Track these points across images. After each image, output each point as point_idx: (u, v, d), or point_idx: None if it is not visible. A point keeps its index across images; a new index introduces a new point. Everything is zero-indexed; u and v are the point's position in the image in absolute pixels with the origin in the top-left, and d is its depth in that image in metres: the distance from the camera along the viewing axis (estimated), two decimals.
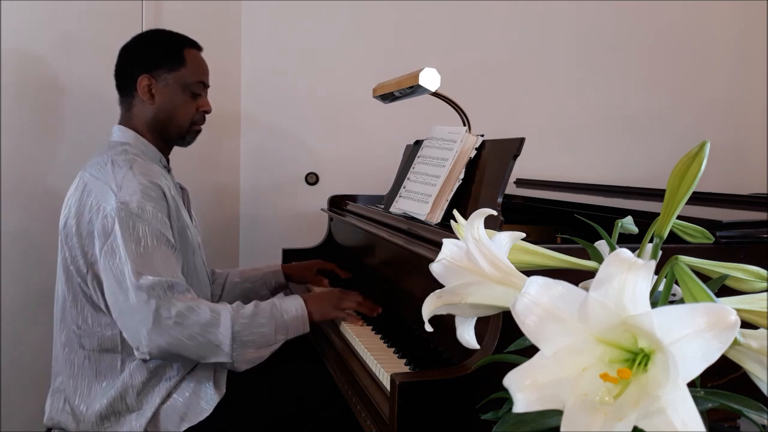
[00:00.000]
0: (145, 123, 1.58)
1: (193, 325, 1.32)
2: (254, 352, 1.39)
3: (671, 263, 0.55)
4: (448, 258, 0.62)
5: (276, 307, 1.44)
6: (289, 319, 1.44)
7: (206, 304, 1.36)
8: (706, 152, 0.56)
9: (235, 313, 1.37)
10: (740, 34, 2.90)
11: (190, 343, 1.33)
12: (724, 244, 1.20)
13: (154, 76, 1.56)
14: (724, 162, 2.78)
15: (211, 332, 1.34)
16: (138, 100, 1.57)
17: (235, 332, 1.35)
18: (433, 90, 1.59)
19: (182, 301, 1.33)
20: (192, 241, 1.55)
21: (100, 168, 1.46)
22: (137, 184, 1.40)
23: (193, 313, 1.33)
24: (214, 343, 1.34)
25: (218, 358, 1.36)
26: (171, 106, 1.57)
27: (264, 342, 1.40)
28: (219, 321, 1.35)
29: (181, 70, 1.58)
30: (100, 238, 1.38)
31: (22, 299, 2.00)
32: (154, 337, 1.31)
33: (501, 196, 1.34)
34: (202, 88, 1.62)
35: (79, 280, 1.44)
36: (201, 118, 1.63)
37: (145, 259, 1.34)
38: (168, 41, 1.61)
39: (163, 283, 1.32)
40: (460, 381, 1.04)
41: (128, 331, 1.36)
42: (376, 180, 2.30)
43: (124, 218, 1.36)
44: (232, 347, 1.35)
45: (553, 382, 0.47)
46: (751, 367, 0.51)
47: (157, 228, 1.38)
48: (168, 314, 1.31)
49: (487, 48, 2.63)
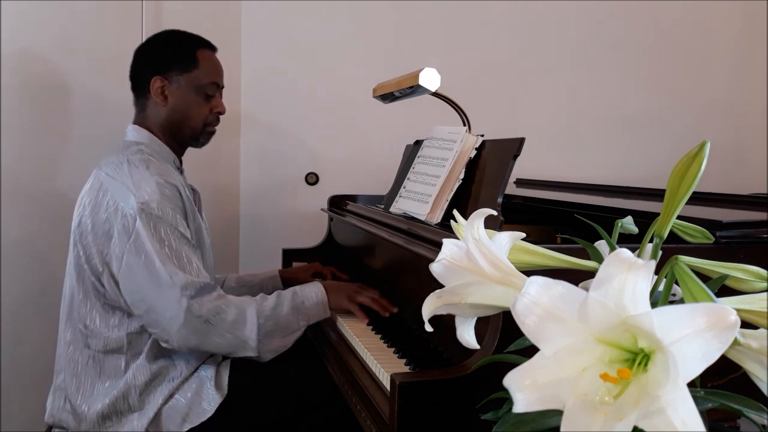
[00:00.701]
0: (158, 124, 1.58)
1: (221, 324, 1.38)
2: (279, 340, 1.45)
3: (671, 263, 0.55)
4: (448, 258, 0.62)
5: (297, 295, 1.50)
6: (310, 306, 1.50)
7: (233, 302, 1.41)
8: (706, 152, 0.56)
9: (259, 307, 1.43)
10: (740, 34, 2.90)
11: (219, 341, 1.39)
12: (724, 244, 1.20)
13: (166, 78, 1.57)
14: (724, 162, 2.78)
15: (239, 329, 1.39)
16: (151, 102, 1.58)
17: (260, 326, 1.41)
18: (433, 90, 1.59)
19: (211, 301, 1.38)
20: (205, 243, 1.57)
21: (115, 167, 1.46)
22: (155, 184, 1.41)
23: (222, 313, 1.38)
24: (242, 339, 1.40)
25: (246, 352, 1.42)
26: (184, 108, 1.58)
27: (288, 330, 1.46)
28: (245, 318, 1.40)
29: (194, 71, 1.58)
30: (122, 237, 1.39)
31: (22, 299, 2.00)
32: (184, 334, 1.36)
33: (501, 196, 1.34)
34: (215, 89, 1.62)
35: (93, 279, 1.45)
36: (215, 119, 1.64)
37: (172, 258, 1.37)
38: (181, 42, 1.61)
39: (195, 283, 1.37)
40: (460, 381, 1.03)
41: (157, 327, 1.39)
42: (376, 180, 2.30)
43: (145, 219, 1.38)
44: (258, 341, 1.41)
45: (553, 382, 0.47)
46: (751, 367, 0.51)
47: (178, 230, 1.41)
48: (199, 313, 1.36)
49: (487, 48, 2.63)
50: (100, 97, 2.10)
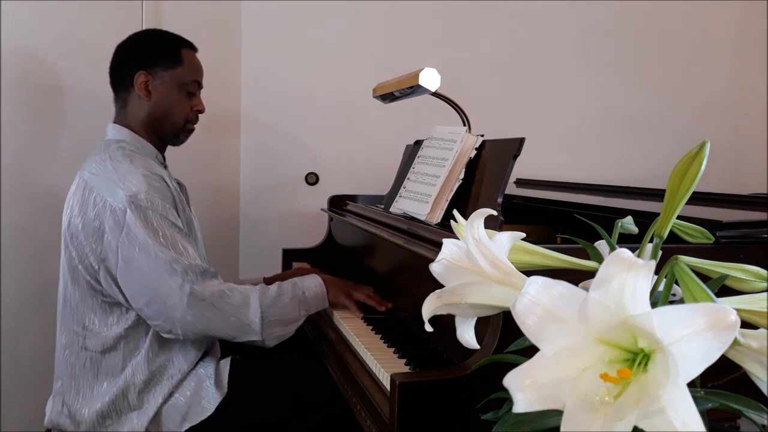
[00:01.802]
0: (140, 120, 1.59)
1: (225, 307, 1.39)
2: (282, 329, 1.46)
3: (671, 263, 0.55)
4: (448, 258, 0.62)
5: (297, 286, 1.52)
6: (310, 296, 1.52)
7: (237, 288, 1.42)
8: (706, 152, 0.56)
9: (262, 295, 1.44)
10: (740, 34, 2.90)
11: (223, 324, 1.40)
12: (724, 244, 1.20)
13: (151, 73, 1.57)
14: (724, 162, 2.78)
15: (243, 313, 1.41)
16: (134, 97, 1.58)
17: (263, 312, 1.42)
18: (433, 90, 1.59)
19: (215, 286, 1.40)
20: (197, 235, 1.58)
21: (98, 165, 1.47)
22: (141, 176, 1.42)
23: (226, 296, 1.40)
24: (245, 323, 1.41)
25: (249, 336, 1.42)
26: (167, 104, 1.59)
27: (290, 319, 1.48)
28: (249, 302, 1.42)
29: (178, 68, 1.59)
30: (114, 232, 1.39)
31: (22, 299, 2.00)
32: (189, 319, 1.37)
33: (501, 196, 1.34)
34: (196, 87, 1.64)
35: (88, 278, 1.44)
36: (195, 117, 1.66)
37: (168, 246, 1.38)
38: (166, 40, 1.63)
39: (195, 267, 1.38)
40: (460, 381, 1.04)
41: (160, 316, 1.38)
42: (376, 180, 2.30)
43: (135, 211, 1.38)
44: (262, 326, 1.42)
45: (553, 382, 0.47)
46: (751, 367, 0.51)
47: (168, 219, 1.41)
48: (203, 297, 1.37)
49: (487, 48, 2.63)
50: (99, 96, 2.09)
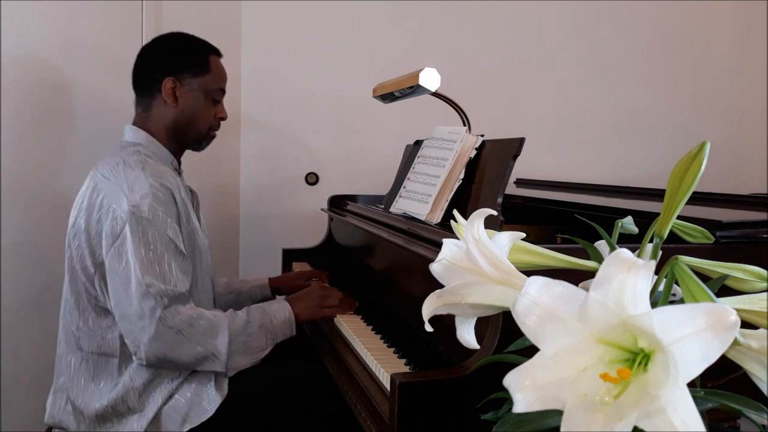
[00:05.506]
0: (163, 125, 1.58)
1: (193, 336, 1.37)
2: (246, 358, 1.44)
3: (671, 263, 0.55)
4: (448, 258, 0.62)
5: (265, 313, 1.49)
6: (278, 324, 1.49)
7: (206, 315, 1.40)
8: (706, 152, 0.56)
9: (231, 322, 1.41)
10: (740, 34, 2.90)
11: (188, 353, 1.37)
12: (724, 244, 1.20)
13: (179, 80, 1.57)
14: (724, 162, 2.78)
15: (210, 343, 1.39)
16: (159, 102, 1.58)
17: (231, 341, 1.40)
18: (433, 90, 1.59)
19: (185, 312, 1.37)
20: (200, 245, 1.56)
21: (111, 168, 1.46)
22: (148, 186, 1.41)
23: (195, 324, 1.37)
24: (212, 352, 1.39)
25: (213, 366, 1.41)
26: (193, 111, 1.59)
27: (256, 347, 1.45)
28: (218, 332, 1.39)
29: (206, 76, 1.59)
30: (108, 239, 1.39)
31: (22, 299, 2.00)
32: (154, 344, 1.34)
33: (501, 196, 1.34)
34: (221, 95, 1.65)
35: (84, 280, 1.44)
36: (217, 124, 1.66)
37: (153, 265, 1.36)
38: (195, 46, 1.62)
39: (168, 292, 1.35)
40: (460, 381, 1.03)
41: (129, 336, 1.38)
42: (376, 180, 2.30)
43: (134, 223, 1.37)
44: (227, 356, 1.40)
45: (553, 382, 0.47)
46: (751, 367, 0.51)
47: (167, 234, 1.40)
48: (172, 324, 1.35)
49: (487, 48, 2.63)
50: (100, 97, 2.10)
